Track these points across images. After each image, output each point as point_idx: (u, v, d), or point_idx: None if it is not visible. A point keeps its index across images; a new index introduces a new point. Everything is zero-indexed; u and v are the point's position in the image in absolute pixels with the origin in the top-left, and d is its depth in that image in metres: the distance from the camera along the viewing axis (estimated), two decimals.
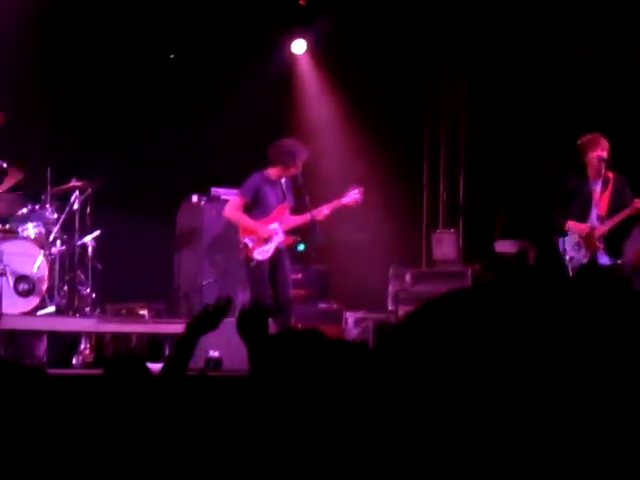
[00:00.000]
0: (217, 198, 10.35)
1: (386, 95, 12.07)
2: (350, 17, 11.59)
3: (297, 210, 9.05)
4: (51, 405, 3.03)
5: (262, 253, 8.74)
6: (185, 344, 3.52)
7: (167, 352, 9.57)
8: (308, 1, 11.65)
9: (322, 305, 10.95)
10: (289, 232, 8.94)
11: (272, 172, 8.94)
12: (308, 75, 12.43)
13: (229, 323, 9.17)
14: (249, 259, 8.74)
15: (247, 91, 11.82)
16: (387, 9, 11.53)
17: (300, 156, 8.86)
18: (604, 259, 8.43)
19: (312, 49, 12.13)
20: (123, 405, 3.36)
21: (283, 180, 8.99)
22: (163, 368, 3.48)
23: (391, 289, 11.51)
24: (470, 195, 12.36)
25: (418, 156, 12.61)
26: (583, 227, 8.48)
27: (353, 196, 9.03)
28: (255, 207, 8.85)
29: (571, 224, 8.52)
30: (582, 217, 8.51)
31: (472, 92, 11.96)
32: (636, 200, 8.33)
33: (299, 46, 12.11)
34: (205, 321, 3.69)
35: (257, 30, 11.58)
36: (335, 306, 10.98)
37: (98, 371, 6.81)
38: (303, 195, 8.92)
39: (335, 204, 9.00)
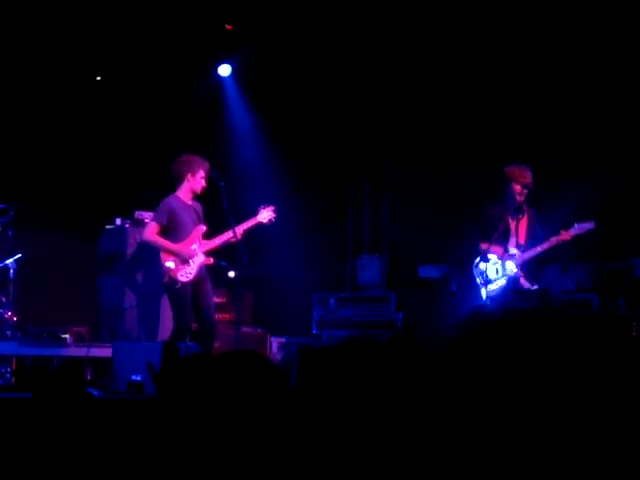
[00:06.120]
0: (141, 222, 10.29)
1: (311, 121, 12.14)
2: (274, 42, 11.67)
3: (220, 231, 9.03)
4: None
5: (185, 275, 8.72)
6: None
7: (89, 376, 9.47)
8: (234, 26, 11.70)
9: (246, 329, 10.92)
10: (208, 253, 8.93)
11: (181, 193, 8.98)
12: (233, 97, 12.47)
13: (152, 347, 9.05)
14: (173, 282, 8.70)
15: (174, 113, 11.82)
16: (312, 36, 11.62)
17: (196, 166, 8.93)
18: (522, 284, 8.54)
19: (237, 72, 12.21)
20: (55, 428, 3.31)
21: (197, 207, 9.00)
22: None
23: (315, 314, 11.53)
24: (394, 220, 12.44)
25: (342, 181, 12.68)
26: (501, 251, 8.60)
27: (267, 214, 9.11)
28: (172, 230, 8.85)
29: (492, 248, 8.61)
30: (502, 244, 8.62)
31: (397, 118, 12.06)
32: (562, 231, 8.38)
33: (225, 70, 12.17)
34: None
35: (184, 54, 11.58)
36: (259, 331, 10.97)
37: (21, 395, 6.77)
38: (227, 216, 8.91)
39: (249, 222, 9.06)
